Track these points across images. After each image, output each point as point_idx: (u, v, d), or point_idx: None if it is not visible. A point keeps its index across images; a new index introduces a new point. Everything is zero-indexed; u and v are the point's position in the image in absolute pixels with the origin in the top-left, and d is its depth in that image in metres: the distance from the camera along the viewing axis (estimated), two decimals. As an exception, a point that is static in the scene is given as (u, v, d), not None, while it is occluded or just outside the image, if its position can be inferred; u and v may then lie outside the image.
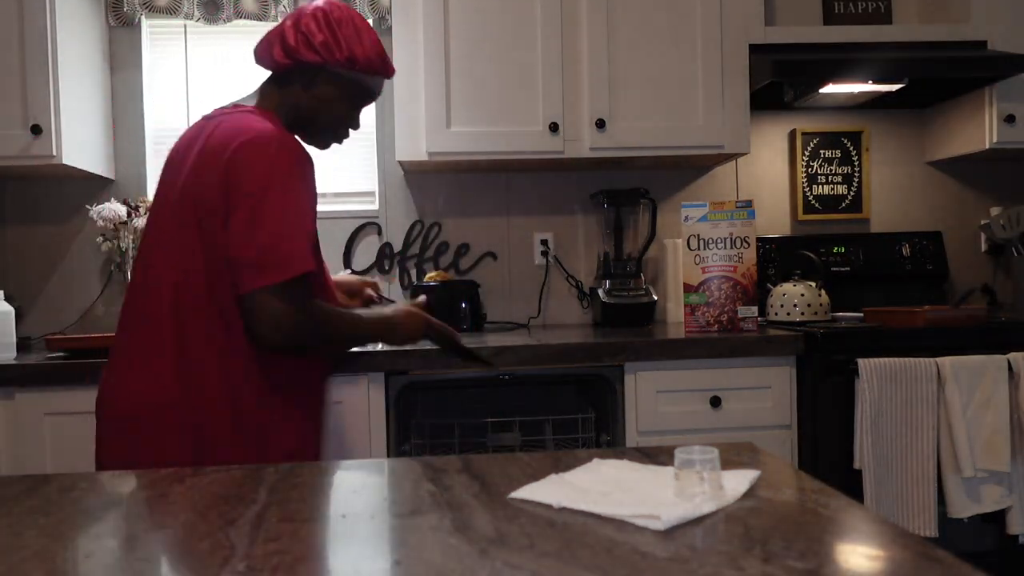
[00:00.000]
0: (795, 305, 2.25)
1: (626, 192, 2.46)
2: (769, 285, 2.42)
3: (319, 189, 2.63)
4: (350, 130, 1.55)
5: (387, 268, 2.61)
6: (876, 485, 1.90)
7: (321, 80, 1.43)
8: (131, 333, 1.37)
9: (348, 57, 1.40)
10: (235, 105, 1.46)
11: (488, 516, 0.73)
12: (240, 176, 1.28)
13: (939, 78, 2.33)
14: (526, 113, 2.28)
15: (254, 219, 1.27)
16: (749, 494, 0.78)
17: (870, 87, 2.33)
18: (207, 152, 1.32)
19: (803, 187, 2.72)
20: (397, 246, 2.62)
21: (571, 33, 2.30)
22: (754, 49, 2.34)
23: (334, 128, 1.51)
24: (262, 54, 1.43)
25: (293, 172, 1.31)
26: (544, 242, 2.64)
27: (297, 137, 1.46)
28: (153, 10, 2.47)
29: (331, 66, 1.41)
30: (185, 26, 2.57)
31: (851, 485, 1.94)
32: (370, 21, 2.57)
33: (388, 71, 1.48)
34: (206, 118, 1.45)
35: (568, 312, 2.67)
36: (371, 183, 2.64)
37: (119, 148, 2.55)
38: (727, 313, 2.13)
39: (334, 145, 1.52)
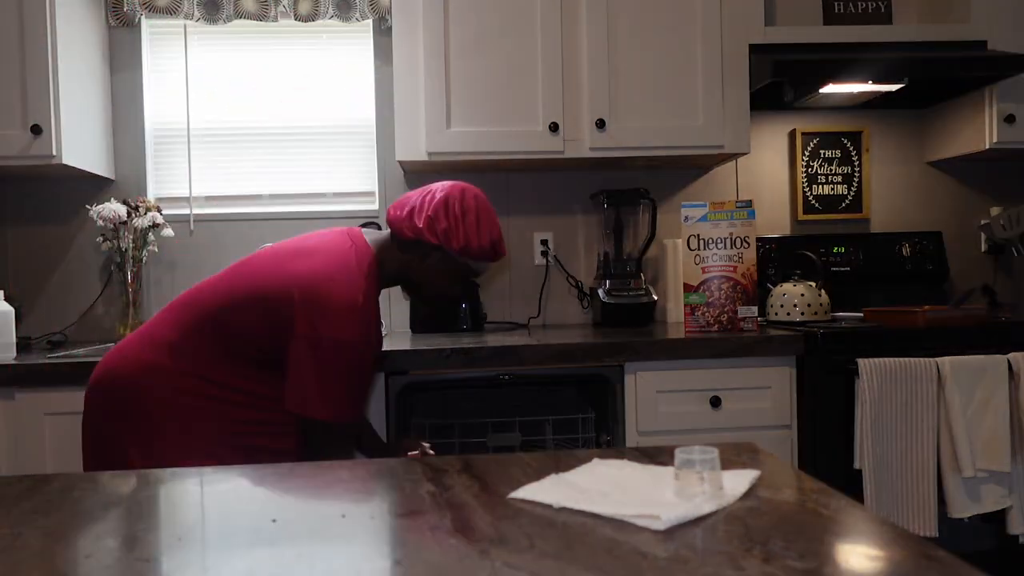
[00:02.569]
0: (795, 305, 2.25)
1: (626, 192, 2.46)
2: (769, 285, 2.42)
3: (320, 189, 2.66)
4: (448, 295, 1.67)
5: (387, 268, 2.61)
6: (876, 485, 1.90)
7: (434, 257, 1.57)
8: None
9: (463, 246, 1.54)
10: (363, 234, 1.60)
11: (488, 516, 0.73)
12: (313, 317, 1.44)
13: (939, 78, 2.33)
14: (526, 113, 2.28)
15: (330, 368, 1.44)
16: (749, 494, 0.78)
17: (870, 87, 2.33)
18: (299, 263, 1.49)
19: (803, 187, 2.72)
20: (397, 246, 2.61)
21: (571, 33, 2.30)
22: (754, 49, 2.34)
23: (434, 296, 1.64)
24: (393, 218, 1.57)
25: (361, 340, 1.46)
26: (544, 242, 2.64)
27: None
28: (153, 10, 2.47)
29: (446, 249, 1.55)
30: (185, 26, 2.58)
31: (851, 485, 1.94)
32: (370, 21, 2.57)
33: (498, 257, 1.60)
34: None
35: (568, 312, 2.67)
36: (371, 183, 2.65)
37: (119, 148, 2.55)
38: (727, 313, 2.13)
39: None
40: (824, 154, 2.72)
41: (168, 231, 2.47)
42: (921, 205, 2.78)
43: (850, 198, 2.73)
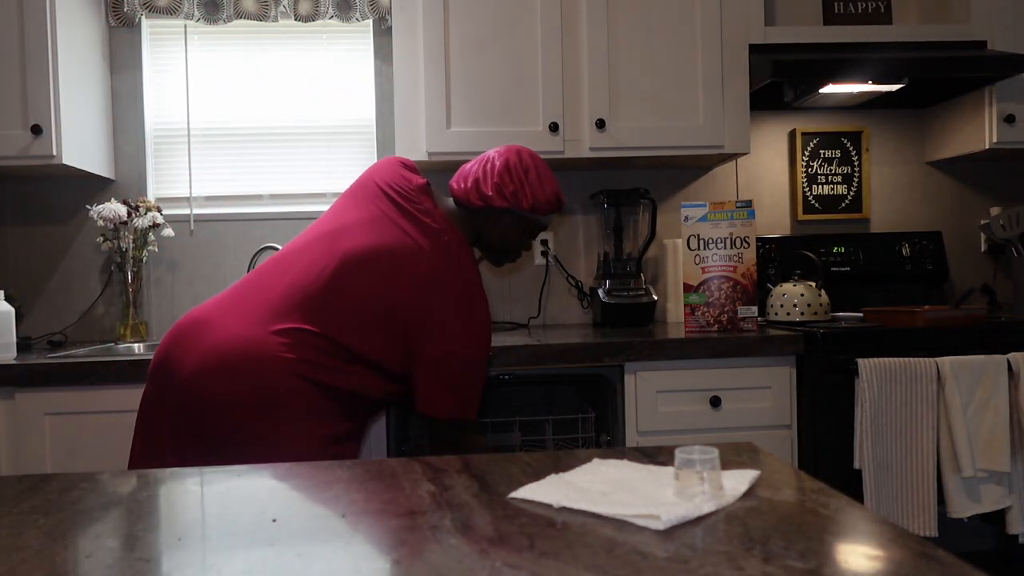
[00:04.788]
0: (795, 305, 2.25)
1: (626, 192, 2.46)
2: (769, 285, 2.42)
3: (320, 190, 2.66)
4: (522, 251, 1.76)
5: (387, 268, 2.61)
6: (876, 485, 1.90)
7: (505, 219, 1.66)
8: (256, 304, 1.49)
9: (532, 204, 1.62)
10: (434, 199, 1.62)
11: (488, 516, 0.73)
12: (443, 324, 1.49)
13: (939, 78, 2.33)
14: (526, 113, 2.28)
15: (455, 371, 1.51)
16: (749, 494, 0.78)
17: (870, 87, 2.33)
18: (413, 252, 1.50)
19: (803, 187, 2.72)
20: (397, 246, 2.61)
21: (571, 33, 2.30)
22: (754, 49, 2.34)
23: (508, 254, 1.73)
24: (458, 192, 1.64)
25: (485, 329, 1.54)
26: (544, 242, 2.64)
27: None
28: (153, 10, 2.47)
29: (516, 210, 1.63)
30: (185, 26, 2.58)
31: (851, 485, 1.94)
32: (370, 21, 2.57)
33: (561, 206, 1.69)
34: (418, 190, 1.60)
35: (568, 312, 2.67)
36: (371, 183, 2.64)
37: (119, 148, 2.55)
38: (727, 313, 2.13)
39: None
40: (824, 154, 2.73)
41: (168, 231, 2.47)
42: (921, 205, 2.78)
43: (850, 198, 2.73)
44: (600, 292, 2.44)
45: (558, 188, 1.66)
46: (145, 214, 2.40)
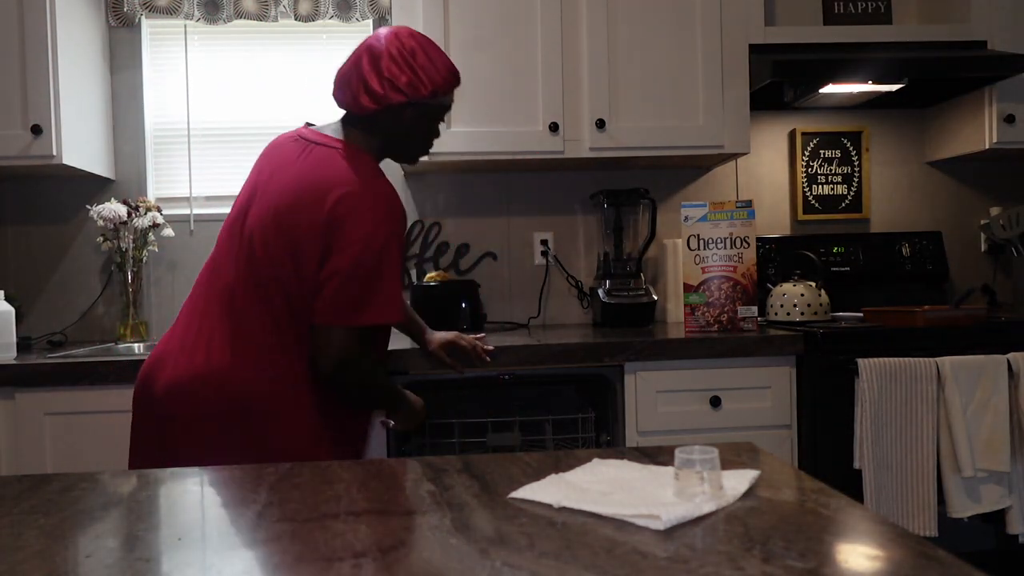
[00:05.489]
0: (795, 305, 2.25)
1: (626, 192, 2.46)
2: (769, 285, 2.42)
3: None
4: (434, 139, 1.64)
5: (387, 268, 2.61)
6: (876, 485, 1.90)
7: (407, 113, 1.50)
8: (194, 326, 1.45)
9: (432, 89, 1.48)
10: (320, 132, 1.51)
11: (488, 516, 0.73)
12: (345, 227, 1.37)
13: (939, 78, 2.33)
14: (526, 113, 2.28)
15: (357, 264, 1.37)
16: (749, 494, 0.78)
17: (870, 87, 2.33)
18: (305, 187, 1.41)
19: (803, 187, 2.72)
20: (397, 246, 2.61)
21: (571, 33, 2.30)
22: (754, 49, 2.34)
23: (422, 145, 1.60)
24: (345, 100, 1.49)
25: (396, 232, 1.42)
26: (544, 242, 2.64)
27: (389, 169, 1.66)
28: (153, 10, 2.47)
29: (416, 101, 1.48)
30: (185, 26, 2.58)
31: (851, 485, 1.94)
32: (370, 21, 2.57)
33: (459, 79, 1.55)
34: (299, 137, 1.52)
35: (568, 312, 2.67)
36: (371, 183, 2.64)
37: (119, 148, 2.55)
38: (727, 313, 2.13)
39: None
40: (824, 154, 2.73)
41: (168, 231, 2.47)
42: (921, 205, 2.78)
43: (850, 198, 2.73)
44: (600, 292, 2.44)
45: (449, 61, 1.51)
46: (145, 214, 2.40)
